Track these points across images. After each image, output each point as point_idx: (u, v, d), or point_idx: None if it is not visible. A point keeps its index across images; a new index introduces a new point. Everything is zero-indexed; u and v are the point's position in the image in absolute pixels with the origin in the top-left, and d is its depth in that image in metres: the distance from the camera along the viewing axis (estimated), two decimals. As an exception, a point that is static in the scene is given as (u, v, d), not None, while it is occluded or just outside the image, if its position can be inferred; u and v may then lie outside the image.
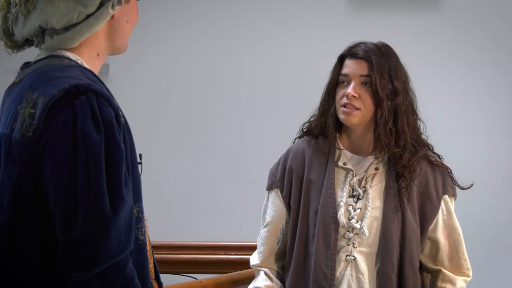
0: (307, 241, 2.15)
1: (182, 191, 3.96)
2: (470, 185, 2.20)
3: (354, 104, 2.10)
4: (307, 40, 3.86)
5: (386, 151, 2.13)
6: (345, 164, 2.18)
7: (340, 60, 2.18)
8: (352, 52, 2.15)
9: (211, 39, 3.98)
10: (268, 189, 2.28)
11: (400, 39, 3.66)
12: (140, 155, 1.59)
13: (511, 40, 3.70)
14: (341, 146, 2.20)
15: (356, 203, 2.14)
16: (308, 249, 2.15)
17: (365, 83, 2.11)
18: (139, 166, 1.57)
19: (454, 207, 2.20)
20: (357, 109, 2.11)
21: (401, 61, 2.17)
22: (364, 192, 2.15)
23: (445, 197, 2.18)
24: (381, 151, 2.14)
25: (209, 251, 3.16)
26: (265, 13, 3.93)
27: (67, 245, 1.39)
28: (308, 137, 2.27)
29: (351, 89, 2.10)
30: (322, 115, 2.21)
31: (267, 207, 2.27)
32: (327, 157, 2.19)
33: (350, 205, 2.14)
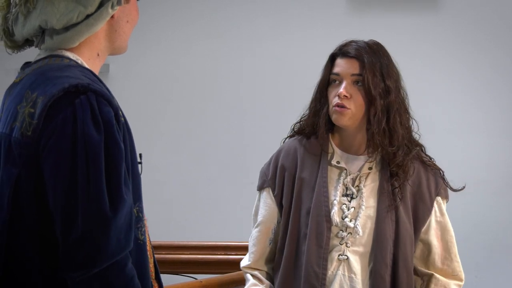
0: (299, 240, 2.11)
1: (182, 191, 3.95)
2: (462, 187, 2.18)
3: (345, 104, 2.08)
4: (307, 40, 3.86)
5: (379, 150, 2.11)
6: (338, 162, 2.15)
7: (331, 59, 2.16)
8: (343, 51, 2.13)
9: (211, 39, 3.97)
10: (259, 188, 2.24)
11: (400, 39, 3.68)
12: (140, 155, 1.59)
13: (511, 40, 3.70)
14: (333, 145, 2.18)
15: (349, 202, 2.12)
16: (299, 249, 2.11)
17: (357, 82, 2.09)
18: (139, 166, 1.57)
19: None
20: (347, 108, 2.08)
21: (392, 59, 2.15)
22: (358, 191, 2.12)
23: (438, 198, 2.16)
24: (375, 150, 2.12)
25: (209, 251, 3.16)
26: (265, 13, 3.93)
27: (67, 245, 1.39)
28: (299, 136, 2.24)
29: (343, 89, 2.08)
30: (314, 115, 2.18)
31: (259, 207, 2.23)
32: (319, 156, 2.16)
33: (343, 204, 2.11)
